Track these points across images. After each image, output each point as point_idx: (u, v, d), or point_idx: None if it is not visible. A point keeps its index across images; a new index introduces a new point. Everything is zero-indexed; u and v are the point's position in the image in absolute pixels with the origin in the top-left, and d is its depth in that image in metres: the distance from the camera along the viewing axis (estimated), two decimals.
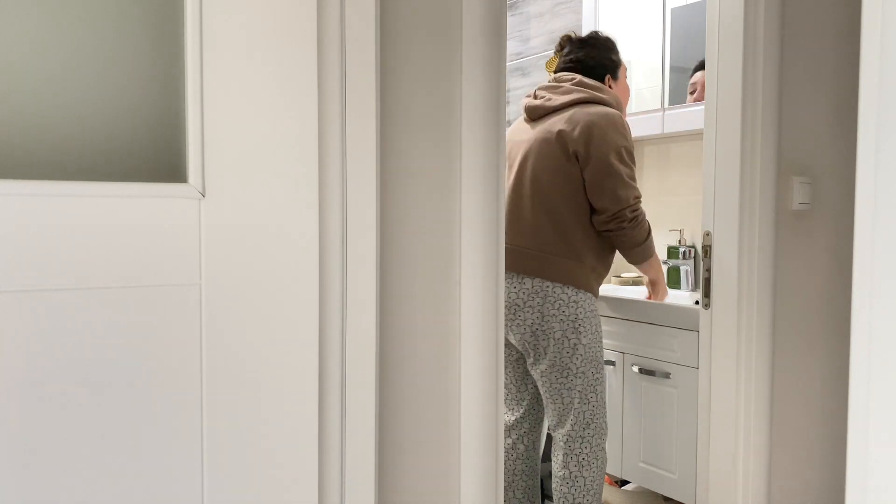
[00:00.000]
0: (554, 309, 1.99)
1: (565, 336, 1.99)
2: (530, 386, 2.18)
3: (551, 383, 2.03)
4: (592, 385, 2.04)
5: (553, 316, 1.99)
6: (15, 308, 0.90)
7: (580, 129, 1.98)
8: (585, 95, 2.05)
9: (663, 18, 2.67)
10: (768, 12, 1.72)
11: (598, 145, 1.96)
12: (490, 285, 1.29)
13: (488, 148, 1.28)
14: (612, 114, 2.01)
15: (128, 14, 0.97)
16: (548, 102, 2.07)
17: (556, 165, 2.00)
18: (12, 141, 0.91)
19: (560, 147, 1.99)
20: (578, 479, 2.04)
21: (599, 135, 1.96)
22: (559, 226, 2.00)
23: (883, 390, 0.71)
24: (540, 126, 2.07)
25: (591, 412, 2.04)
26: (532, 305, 2.00)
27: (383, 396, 1.21)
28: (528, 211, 2.03)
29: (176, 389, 0.99)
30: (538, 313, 1.99)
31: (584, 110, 2.01)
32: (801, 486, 1.91)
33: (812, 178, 1.86)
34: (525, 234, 2.02)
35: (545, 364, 2.03)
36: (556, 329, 1.99)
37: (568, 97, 2.05)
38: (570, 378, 2.01)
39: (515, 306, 2.02)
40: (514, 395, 2.19)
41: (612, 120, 1.99)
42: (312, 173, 1.07)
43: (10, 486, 0.91)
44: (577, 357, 2.00)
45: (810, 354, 1.90)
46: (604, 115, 1.99)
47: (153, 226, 0.97)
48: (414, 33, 1.21)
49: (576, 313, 1.99)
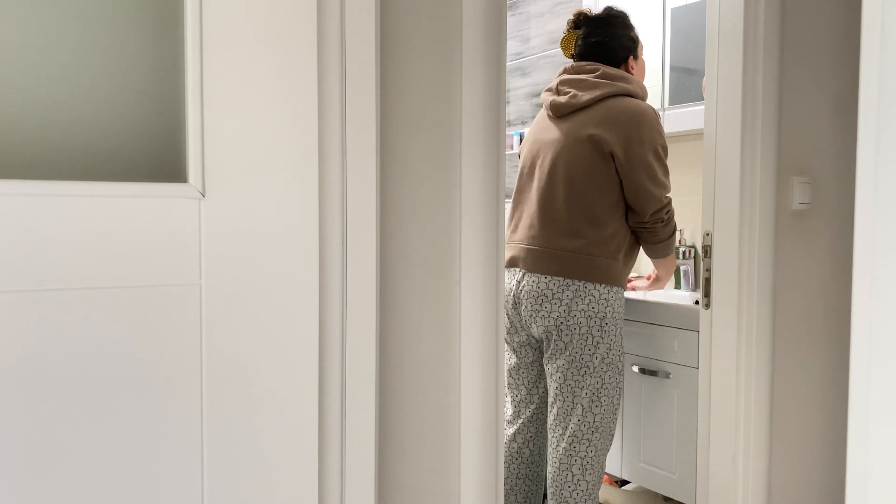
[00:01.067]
0: (583, 304, 1.96)
1: (590, 332, 1.97)
2: (541, 390, 2.15)
3: (566, 379, 2.00)
4: (607, 389, 2.00)
5: (581, 311, 1.96)
6: (15, 308, 0.90)
7: (616, 130, 1.95)
8: (613, 90, 2.00)
9: (663, 18, 2.67)
10: (768, 12, 1.72)
11: (637, 146, 1.94)
12: (490, 284, 1.29)
13: (488, 148, 1.28)
14: (646, 109, 1.98)
15: (127, 13, 0.97)
16: (574, 99, 2.02)
17: (591, 165, 1.97)
18: (12, 141, 0.91)
19: (594, 148, 1.96)
20: (581, 482, 2.00)
21: (636, 135, 1.94)
22: (596, 226, 1.98)
23: (883, 390, 0.72)
24: (568, 125, 2.02)
25: (601, 416, 2.00)
26: (560, 298, 1.97)
27: (383, 396, 1.21)
28: (562, 213, 1.99)
29: (176, 389, 0.99)
30: (566, 307, 1.96)
31: (616, 106, 1.98)
32: (801, 486, 1.91)
33: (812, 178, 1.86)
34: (562, 236, 1.99)
35: (563, 359, 1.99)
36: (583, 324, 1.96)
37: (595, 93, 2.00)
38: (586, 377, 1.98)
39: (543, 297, 1.99)
40: (523, 398, 2.15)
41: (648, 117, 1.97)
42: (312, 173, 1.07)
43: (9, 485, 0.91)
44: (596, 356, 1.97)
45: (810, 354, 1.90)
46: (638, 112, 1.97)
47: (153, 226, 0.97)
48: (414, 33, 1.21)
49: (604, 311, 1.97)
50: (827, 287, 1.93)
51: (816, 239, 1.89)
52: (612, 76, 2.03)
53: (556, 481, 2.03)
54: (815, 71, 1.85)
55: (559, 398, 2.02)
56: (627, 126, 1.94)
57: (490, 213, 1.29)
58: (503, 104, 1.30)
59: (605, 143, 1.94)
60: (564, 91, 2.06)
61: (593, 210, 1.97)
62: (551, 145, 2.04)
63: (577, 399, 1.99)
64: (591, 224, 1.97)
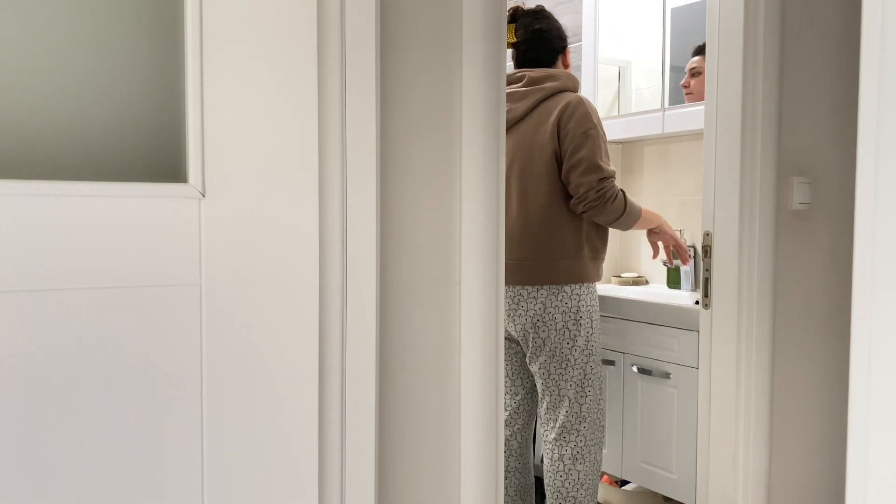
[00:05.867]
0: (557, 301, 2.04)
1: (566, 327, 2.04)
2: (526, 382, 2.20)
3: (549, 374, 2.07)
4: (590, 379, 2.07)
5: (556, 307, 2.04)
6: (14, 308, 0.90)
7: (555, 127, 2.03)
8: (543, 94, 2.09)
9: (663, 18, 2.67)
10: (768, 12, 1.72)
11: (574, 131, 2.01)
12: (490, 285, 1.29)
13: (488, 148, 1.28)
14: (574, 100, 2.05)
15: (127, 13, 0.97)
16: (510, 114, 2.10)
17: (541, 172, 2.05)
18: (12, 141, 0.91)
19: (541, 152, 2.04)
20: (572, 472, 2.05)
21: (574, 125, 2.02)
22: (554, 231, 2.05)
23: (883, 390, 0.71)
24: (511, 139, 2.11)
25: (587, 406, 2.07)
26: (536, 297, 2.05)
27: (383, 396, 1.21)
28: (522, 224, 2.07)
29: (175, 389, 0.99)
30: (541, 304, 2.04)
31: (550, 108, 2.06)
32: (801, 486, 1.91)
33: (812, 178, 1.86)
34: (522, 246, 2.06)
35: (544, 356, 2.06)
36: (558, 320, 2.04)
37: (527, 102, 2.09)
38: (568, 369, 2.05)
39: (519, 297, 2.06)
40: (507, 389, 2.21)
41: (580, 107, 2.04)
42: (312, 173, 1.07)
43: (9, 485, 0.91)
44: (576, 349, 2.05)
45: (810, 354, 1.90)
46: (572, 105, 2.04)
47: (153, 226, 0.97)
48: (414, 33, 1.21)
49: (577, 306, 2.05)
50: (827, 287, 1.93)
51: (816, 239, 1.89)
52: (537, 79, 2.11)
53: (549, 473, 2.10)
54: (815, 71, 1.85)
55: (546, 393, 2.09)
56: (565, 121, 2.02)
57: (490, 213, 1.29)
58: (503, 104, 1.30)
59: (549, 144, 2.03)
60: None
61: (549, 215, 2.04)
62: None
63: (564, 392, 2.06)
64: (549, 230, 2.05)
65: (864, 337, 0.73)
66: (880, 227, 0.71)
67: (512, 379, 2.21)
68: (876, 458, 0.72)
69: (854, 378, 0.74)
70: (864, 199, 0.73)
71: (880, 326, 0.71)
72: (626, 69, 2.88)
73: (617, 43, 2.88)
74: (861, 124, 0.73)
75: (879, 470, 0.72)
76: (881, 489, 0.72)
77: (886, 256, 0.71)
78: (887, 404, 0.71)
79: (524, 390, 2.20)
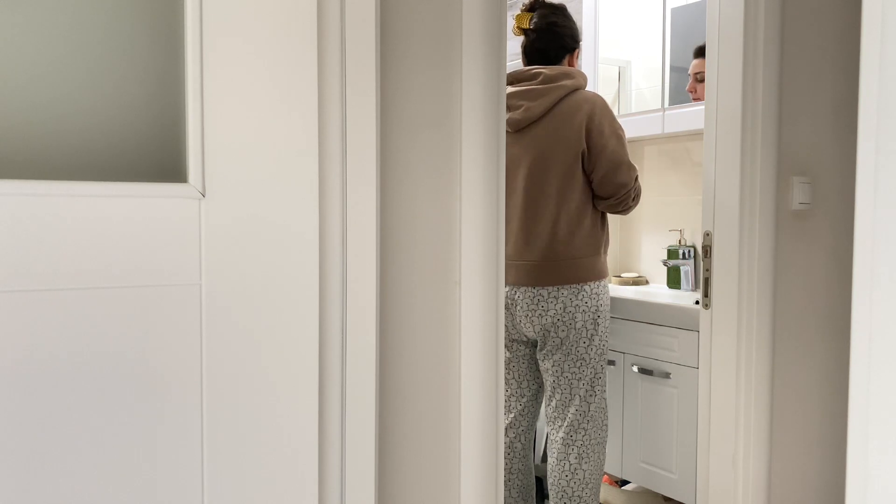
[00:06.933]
0: (578, 300, 2.05)
1: (585, 326, 2.06)
2: (532, 384, 2.20)
3: (562, 372, 2.08)
4: (599, 377, 2.09)
5: (577, 307, 2.05)
6: (14, 308, 0.90)
7: (579, 126, 2.03)
8: (561, 92, 2.09)
9: (663, 18, 2.67)
10: (768, 12, 1.72)
11: (598, 138, 2.03)
12: (490, 285, 1.29)
13: (488, 148, 1.28)
14: (595, 98, 2.07)
15: (127, 12, 0.97)
16: (528, 112, 2.09)
17: (563, 170, 2.04)
18: (11, 141, 0.91)
19: (564, 152, 2.04)
20: (578, 471, 2.06)
21: (597, 124, 2.03)
22: (575, 229, 2.06)
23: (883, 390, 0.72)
24: (528, 138, 2.09)
25: (595, 405, 2.08)
26: (557, 297, 2.05)
27: (383, 396, 1.21)
28: (542, 224, 2.07)
29: (175, 388, 0.99)
30: (562, 304, 2.05)
31: (571, 106, 2.06)
32: (801, 486, 1.91)
33: (812, 178, 1.86)
34: (547, 247, 2.06)
35: (560, 353, 2.07)
36: (578, 319, 2.05)
37: (546, 100, 2.08)
38: (583, 368, 2.07)
39: (539, 298, 2.06)
40: (514, 392, 2.21)
41: (599, 106, 2.06)
42: (312, 173, 1.07)
43: (9, 485, 0.91)
44: (592, 348, 2.07)
45: (810, 354, 1.90)
46: (590, 103, 2.05)
47: (153, 226, 0.97)
48: (414, 33, 1.21)
49: (597, 305, 2.07)
50: (827, 287, 1.93)
51: (816, 239, 1.89)
52: (553, 77, 2.10)
53: (555, 471, 2.10)
54: (815, 71, 1.85)
55: (557, 391, 2.10)
56: (598, 122, 2.04)
57: (490, 213, 1.29)
58: (503, 104, 1.30)
59: (575, 143, 2.03)
60: (517, 105, 2.12)
61: (570, 214, 2.05)
62: (518, 160, 2.11)
63: (575, 390, 2.07)
64: (570, 229, 2.06)
65: (863, 336, 0.73)
66: (880, 226, 0.71)
67: (518, 381, 2.20)
68: (876, 458, 0.72)
69: (854, 378, 0.74)
70: (864, 199, 0.73)
71: (880, 326, 0.71)
72: (626, 69, 2.88)
73: (617, 43, 2.88)
74: (861, 124, 0.73)
75: (879, 470, 0.72)
76: (881, 489, 0.72)
77: (886, 256, 0.71)
78: (887, 404, 0.71)
79: (530, 393, 2.21)
